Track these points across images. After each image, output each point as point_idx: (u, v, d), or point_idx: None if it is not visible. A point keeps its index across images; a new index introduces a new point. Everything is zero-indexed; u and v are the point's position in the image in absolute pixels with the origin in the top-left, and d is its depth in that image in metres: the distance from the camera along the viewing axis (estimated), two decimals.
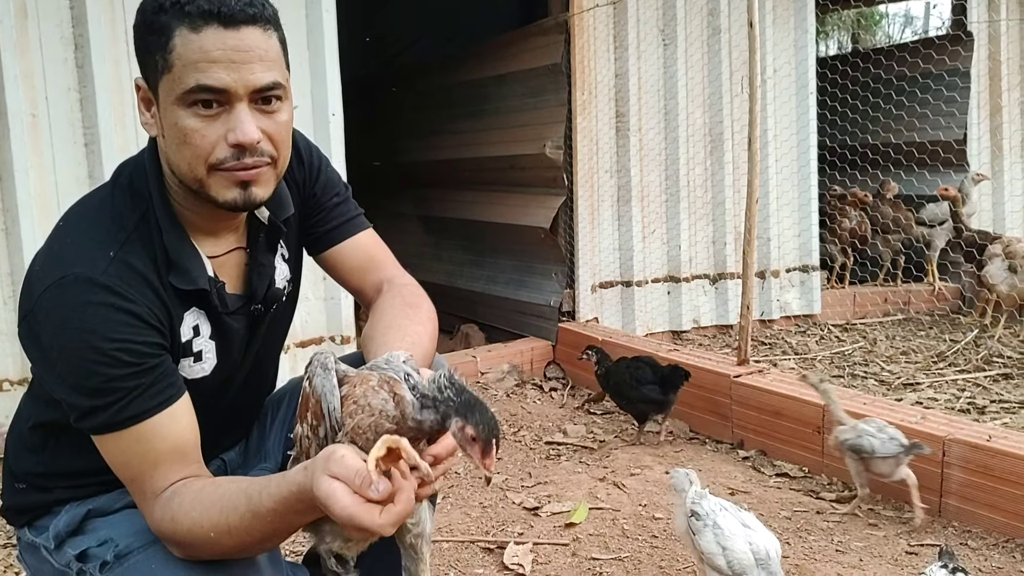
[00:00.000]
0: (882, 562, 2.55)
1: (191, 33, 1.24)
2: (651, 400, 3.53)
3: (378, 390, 1.19)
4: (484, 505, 3.02)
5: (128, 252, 1.33)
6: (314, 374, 1.24)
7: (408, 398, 1.17)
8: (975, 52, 5.96)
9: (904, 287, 6.05)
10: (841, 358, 4.78)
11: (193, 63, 1.25)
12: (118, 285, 1.29)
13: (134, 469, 1.32)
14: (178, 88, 1.26)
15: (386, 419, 1.16)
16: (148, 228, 1.37)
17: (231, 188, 1.33)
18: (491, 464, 1.15)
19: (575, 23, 4.71)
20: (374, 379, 1.21)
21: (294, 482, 1.17)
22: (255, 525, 1.22)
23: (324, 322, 3.87)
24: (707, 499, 2.20)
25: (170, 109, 1.28)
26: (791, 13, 5.39)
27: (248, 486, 1.24)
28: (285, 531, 1.27)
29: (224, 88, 1.26)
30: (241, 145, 1.29)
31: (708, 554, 2.10)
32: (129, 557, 1.36)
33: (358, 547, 1.32)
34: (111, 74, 3.28)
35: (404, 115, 6.87)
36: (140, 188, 1.40)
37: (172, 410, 1.33)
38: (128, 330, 1.29)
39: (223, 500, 1.24)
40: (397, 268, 1.73)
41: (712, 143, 5.25)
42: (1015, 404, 3.79)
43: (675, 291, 5.23)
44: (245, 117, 1.28)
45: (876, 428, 2.80)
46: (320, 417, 1.21)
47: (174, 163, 1.33)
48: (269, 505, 1.19)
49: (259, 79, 1.28)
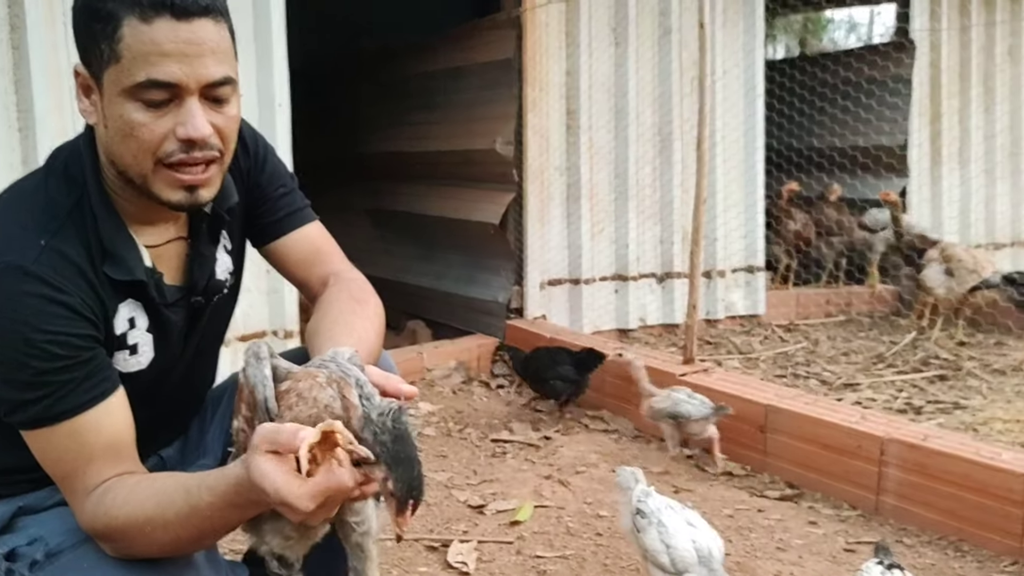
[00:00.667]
0: (821, 559, 2.59)
1: (141, 24, 1.19)
2: (566, 379, 3.73)
3: (325, 387, 1.15)
4: (429, 503, 2.99)
5: (61, 240, 1.29)
6: (247, 364, 1.21)
7: (358, 407, 1.14)
8: (917, 60, 6.10)
9: (846, 289, 6.17)
10: (784, 358, 4.86)
11: (144, 56, 1.20)
12: (50, 275, 1.25)
13: (66, 466, 1.27)
14: (126, 80, 1.22)
15: (329, 416, 1.13)
16: (82, 216, 1.33)
17: (177, 190, 1.30)
18: (404, 524, 1.11)
19: (528, 19, 4.70)
20: (322, 376, 1.18)
21: (232, 474, 1.14)
22: (192, 520, 1.19)
23: (267, 316, 3.79)
24: (652, 497, 2.21)
25: (116, 100, 1.24)
26: (741, 16, 5.45)
27: (186, 480, 1.21)
28: (223, 527, 1.24)
29: (175, 83, 1.22)
30: (191, 140, 1.26)
31: (652, 552, 2.10)
32: (60, 556, 1.31)
33: (299, 547, 1.29)
34: (48, 57, 3.16)
35: (354, 106, 6.79)
36: (75, 174, 1.35)
37: (106, 405, 1.29)
38: (61, 322, 1.24)
39: (160, 494, 1.21)
40: (344, 262, 1.70)
41: (661, 143, 5.29)
42: (950, 405, 3.89)
43: (623, 290, 5.26)
44: (196, 112, 1.25)
45: (687, 395, 3.24)
46: (253, 408, 1.18)
47: (117, 155, 1.29)
48: (208, 499, 1.16)
49: (211, 73, 1.24)
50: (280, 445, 1.08)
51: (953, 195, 6.37)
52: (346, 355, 1.24)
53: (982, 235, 6.55)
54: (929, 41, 6.18)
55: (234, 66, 1.31)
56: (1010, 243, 6.70)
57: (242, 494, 1.13)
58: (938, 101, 6.27)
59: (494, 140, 4.81)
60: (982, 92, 6.48)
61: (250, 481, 1.09)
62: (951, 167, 6.40)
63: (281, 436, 1.08)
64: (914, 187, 6.21)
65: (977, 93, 6.45)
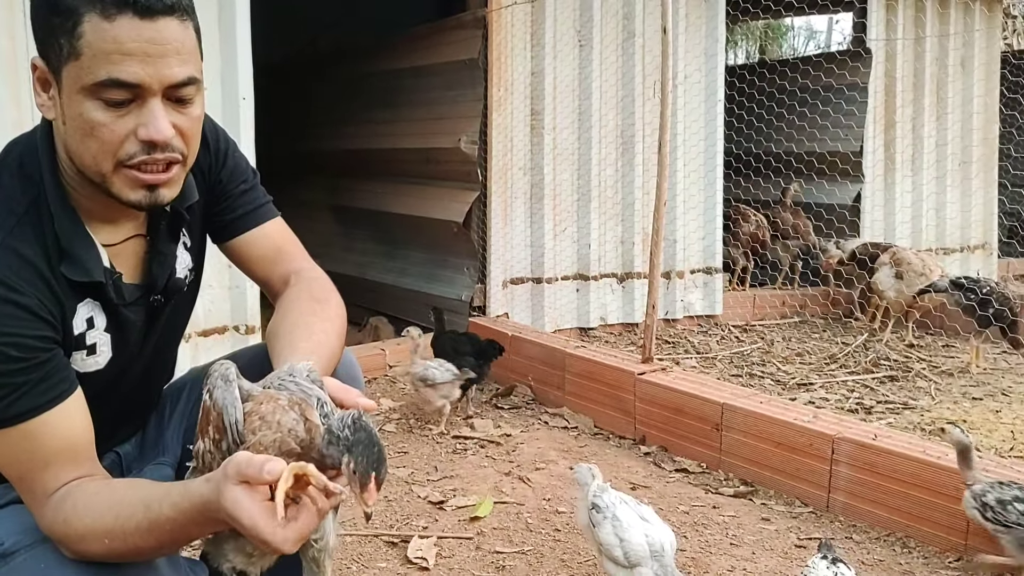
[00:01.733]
0: (773, 555, 2.65)
1: (103, 21, 1.16)
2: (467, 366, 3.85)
3: (288, 410, 1.15)
4: (389, 499, 3.00)
5: (17, 239, 1.26)
6: (215, 386, 1.19)
7: (320, 427, 1.15)
8: (873, 68, 6.24)
9: (801, 291, 6.29)
10: (740, 358, 4.95)
11: (105, 54, 1.17)
12: (6, 275, 1.22)
13: (22, 467, 1.25)
14: (86, 78, 1.18)
15: (293, 439, 1.14)
16: (39, 214, 1.29)
17: (136, 190, 1.27)
18: (370, 499, 1.13)
19: (493, 19, 4.72)
20: (283, 398, 1.17)
21: (196, 494, 1.13)
22: (152, 534, 1.18)
23: (228, 311, 3.77)
24: (608, 492, 2.26)
25: (75, 98, 1.21)
26: (703, 21, 5.53)
27: (146, 494, 1.20)
28: (183, 541, 1.23)
29: (138, 83, 1.19)
30: (153, 142, 1.23)
31: (606, 545, 2.15)
32: (16, 556, 1.28)
33: (261, 564, 1.28)
34: (6, 48, 3.11)
35: (319, 102, 6.76)
36: (31, 171, 1.31)
37: (64, 407, 1.27)
38: (16, 323, 1.22)
39: (119, 506, 1.20)
40: (306, 259, 1.68)
41: (624, 145, 5.35)
42: (899, 405, 4.00)
43: (584, 289, 5.31)
44: (159, 113, 1.22)
45: (437, 364, 3.69)
46: (221, 431, 1.17)
47: (76, 153, 1.26)
48: (169, 514, 1.15)
49: (175, 74, 1.21)
50: (250, 477, 1.08)
51: (905, 201, 6.52)
52: (304, 372, 1.24)
53: (933, 240, 6.72)
54: (885, 50, 6.33)
55: (199, 65, 1.28)
56: (959, 248, 6.88)
57: (208, 515, 1.12)
58: (892, 109, 6.42)
59: (458, 139, 4.83)
60: (935, 101, 6.65)
61: (220, 507, 1.09)
62: (904, 174, 6.55)
63: (250, 470, 1.07)
64: (868, 192, 6.35)
65: (930, 102, 6.61)
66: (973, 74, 6.76)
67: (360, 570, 2.50)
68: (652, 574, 2.10)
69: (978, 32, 6.73)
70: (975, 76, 6.76)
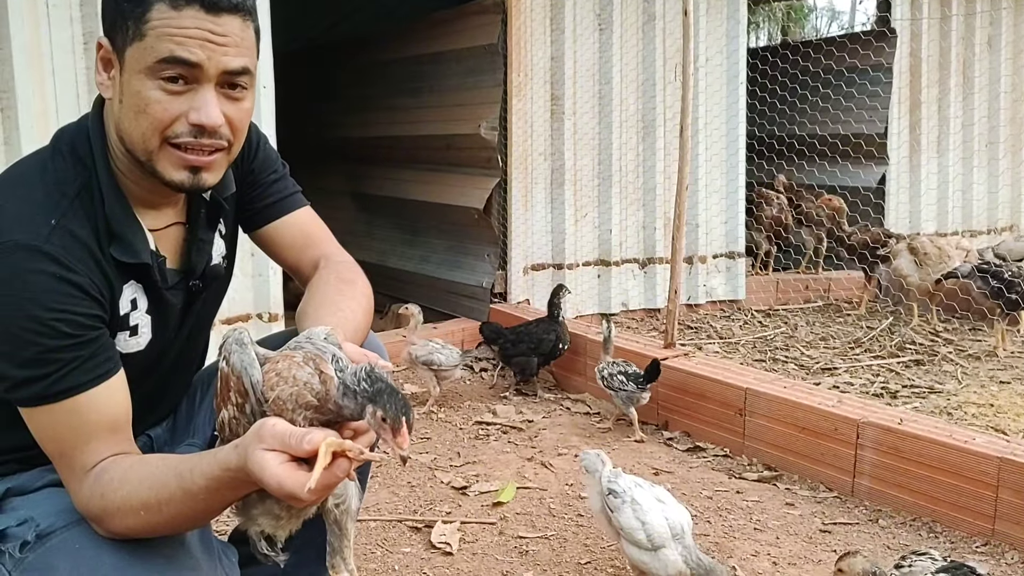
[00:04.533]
0: (798, 540, 2.64)
1: (171, 10, 1.23)
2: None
3: (303, 365, 1.17)
4: (412, 484, 3.02)
5: (71, 220, 1.30)
6: (231, 351, 1.22)
7: (335, 379, 1.16)
8: (898, 49, 6.15)
9: (825, 275, 6.24)
10: (763, 342, 4.92)
11: (168, 35, 1.23)
12: (61, 254, 1.26)
13: (65, 444, 1.28)
14: (148, 58, 1.25)
15: (310, 392, 1.16)
16: (90, 197, 1.34)
17: (180, 170, 1.32)
18: (404, 442, 1.15)
19: (512, 4, 4.69)
20: (299, 355, 1.20)
21: (226, 460, 1.16)
22: (187, 503, 1.21)
23: (251, 299, 3.80)
24: (622, 477, 2.27)
25: (135, 77, 1.26)
26: (724, 3, 5.47)
27: (178, 464, 1.23)
28: (218, 508, 1.26)
29: (197, 63, 1.25)
30: (203, 127, 1.28)
31: (628, 529, 2.15)
32: (52, 537, 1.31)
33: (288, 526, 1.31)
34: (30, 37, 3.14)
35: (339, 90, 6.76)
36: (82, 155, 1.36)
37: (108, 384, 1.30)
38: (70, 301, 1.25)
39: (152, 477, 1.23)
40: (334, 245, 1.72)
41: (645, 129, 5.32)
42: (925, 389, 3.96)
43: (605, 275, 5.29)
44: (211, 100, 1.28)
45: (441, 346, 3.74)
46: (244, 394, 1.20)
47: (126, 130, 1.31)
48: (201, 483, 1.18)
49: (231, 62, 1.28)
50: (291, 448, 1.10)
51: (931, 183, 6.44)
52: (321, 335, 1.26)
53: (959, 222, 6.64)
54: (910, 30, 6.24)
55: (255, 61, 1.34)
56: (987, 230, 6.80)
57: (238, 479, 1.15)
58: (918, 90, 6.33)
59: (479, 125, 4.82)
60: (961, 81, 6.55)
61: (248, 470, 1.11)
62: (929, 155, 6.47)
63: (292, 440, 1.10)
64: (893, 175, 6.27)
65: (956, 82, 6.51)
66: (1000, 53, 6.65)
67: (384, 555, 2.52)
68: (677, 555, 2.11)
69: (1005, 10, 6.62)
70: (1002, 55, 6.65)
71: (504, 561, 2.50)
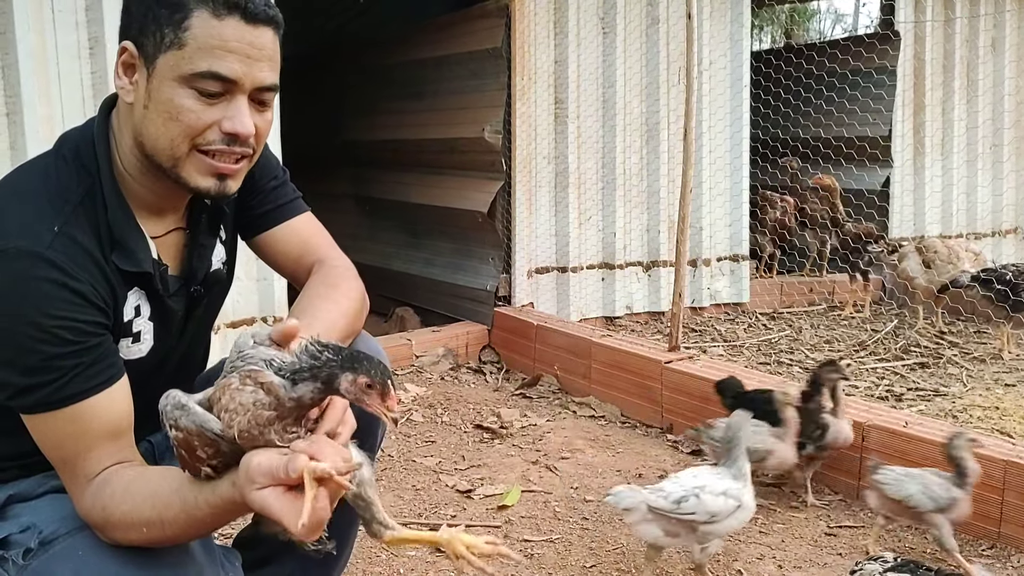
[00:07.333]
0: (803, 543, 2.64)
1: (213, 18, 1.25)
2: None
3: (242, 388, 1.15)
4: (417, 488, 3.02)
5: (73, 227, 1.30)
6: (176, 418, 1.17)
7: (276, 381, 1.14)
8: (901, 51, 6.14)
9: (829, 278, 6.23)
10: (768, 345, 4.91)
11: (209, 48, 1.26)
12: (63, 261, 1.26)
13: (67, 451, 1.28)
14: (186, 67, 1.26)
15: (263, 408, 1.13)
16: (93, 203, 1.34)
17: (207, 177, 1.34)
18: (393, 405, 1.14)
19: (516, 7, 4.70)
20: (234, 380, 1.17)
21: (227, 494, 1.16)
22: (191, 524, 1.21)
23: (256, 303, 3.80)
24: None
25: (167, 83, 1.28)
26: (728, 6, 5.47)
27: (180, 487, 1.21)
28: (220, 526, 1.27)
29: (234, 79, 1.28)
30: (236, 135, 1.30)
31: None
32: (55, 544, 1.31)
33: None
34: (35, 43, 3.15)
35: (342, 93, 6.77)
36: (86, 162, 1.36)
37: (111, 391, 1.30)
38: (71, 308, 1.25)
39: (155, 497, 1.22)
40: (333, 250, 1.71)
41: (648, 132, 5.32)
42: (930, 392, 3.95)
43: (609, 278, 5.29)
44: (245, 110, 1.31)
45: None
46: (213, 443, 1.16)
47: (152, 136, 1.31)
48: (206, 510, 1.19)
49: (265, 78, 1.31)
50: (281, 481, 1.10)
51: (935, 185, 6.43)
52: (248, 341, 1.24)
53: (963, 225, 6.62)
54: (914, 33, 6.23)
55: (278, 76, 1.37)
56: (991, 233, 6.78)
57: (239, 509, 1.17)
58: (922, 92, 6.32)
59: (482, 128, 4.83)
60: (965, 84, 6.54)
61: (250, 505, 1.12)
62: (934, 158, 6.46)
63: (280, 473, 1.09)
64: (897, 177, 6.27)
65: (960, 85, 6.50)
66: (1004, 55, 6.63)
67: (390, 558, 2.52)
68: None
69: (1009, 12, 6.60)
70: (1006, 57, 6.63)
71: (509, 565, 2.50)
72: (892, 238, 6.12)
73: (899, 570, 1.99)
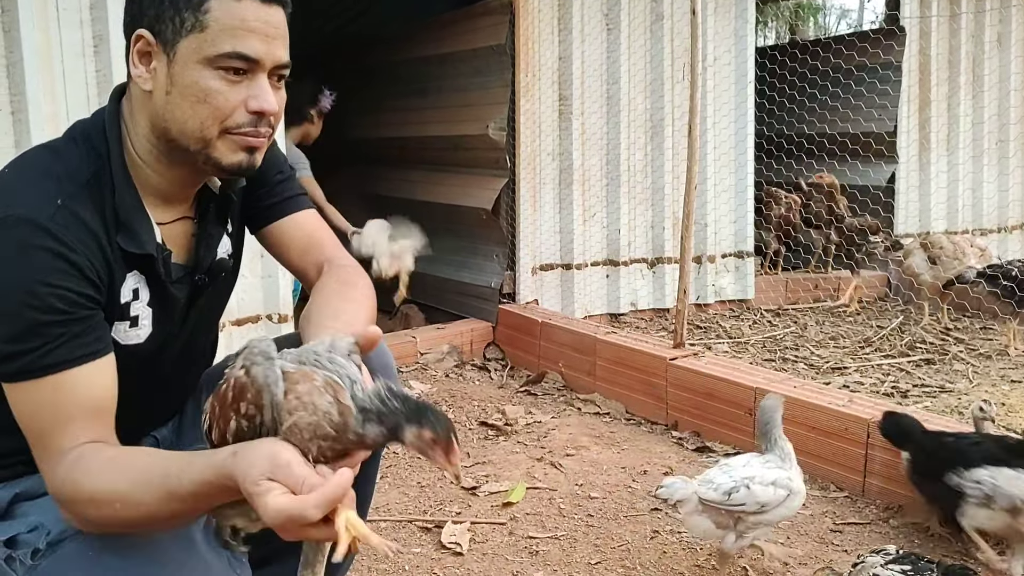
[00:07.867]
0: (809, 540, 2.63)
1: (232, 0, 1.30)
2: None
3: (323, 392, 1.12)
4: (422, 485, 3.03)
5: (77, 204, 1.31)
6: (254, 362, 1.15)
7: (353, 409, 1.12)
8: (907, 47, 6.12)
9: (834, 274, 6.22)
10: (773, 342, 4.91)
11: (231, 29, 1.29)
12: (61, 232, 1.26)
13: (44, 422, 1.26)
14: (210, 50, 1.29)
15: (328, 423, 1.11)
16: (100, 187, 1.35)
17: (238, 152, 1.36)
18: (456, 461, 1.14)
19: (520, 4, 4.69)
20: (319, 378, 1.14)
21: (221, 467, 1.12)
22: (167, 503, 1.17)
23: (261, 300, 3.81)
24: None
25: (191, 67, 1.30)
26: (732, 2, 5.46)
27: (166, 463, 1.20)
28: (197, 513, 1.23)
29: (257, 58, 1.32)
30: (263, 113, 1.34)
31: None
32: (63, 544, 1.31)
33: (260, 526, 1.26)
34: (40, 42, 3.15)
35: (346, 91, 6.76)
36: (97, 146, 1.38)
37: (96, 365, 1.29)
38: (65, 277, 1.26)
39: (135, 472, 1.20)
40: (339, 249, 1.73)
41: (653, 129, 5.31)
42: (936, 388, 3.94)
43: (614, 275, 5.29)
44: (268, 88, 1.35)
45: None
46: (260, 408, 1.14)
47: (178, 120, 1.33)
48: (189, 488, 1.15)
49: (282, 56, 1.37)
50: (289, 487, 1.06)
51: (941, 181, 6.41)
52: (345, 349, 1.22)
53: (969, 221, 6.61)
54: (919, 28, 6.21)
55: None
56: (997, 229, 6.76)
57: (229, 488, 1.11)
58: (927, 88, 6.30)
59: (487, 125, 4.82)
60: (971, 79, 6.52)
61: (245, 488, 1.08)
62: (939, 153, 6.44)
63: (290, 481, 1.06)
64: (902, 173, 6.25)
65: (966, 80, 6.48)
66: (1010, 50, 6.61)
67: (395, 554, 2.52)
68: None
69: (1015, 7, 6.58)
70: (1012, 52, 6.61)
71: (514, 561, 2.50)
72: (897, 234, 6.11)
73: (901, 562, 1.99)
